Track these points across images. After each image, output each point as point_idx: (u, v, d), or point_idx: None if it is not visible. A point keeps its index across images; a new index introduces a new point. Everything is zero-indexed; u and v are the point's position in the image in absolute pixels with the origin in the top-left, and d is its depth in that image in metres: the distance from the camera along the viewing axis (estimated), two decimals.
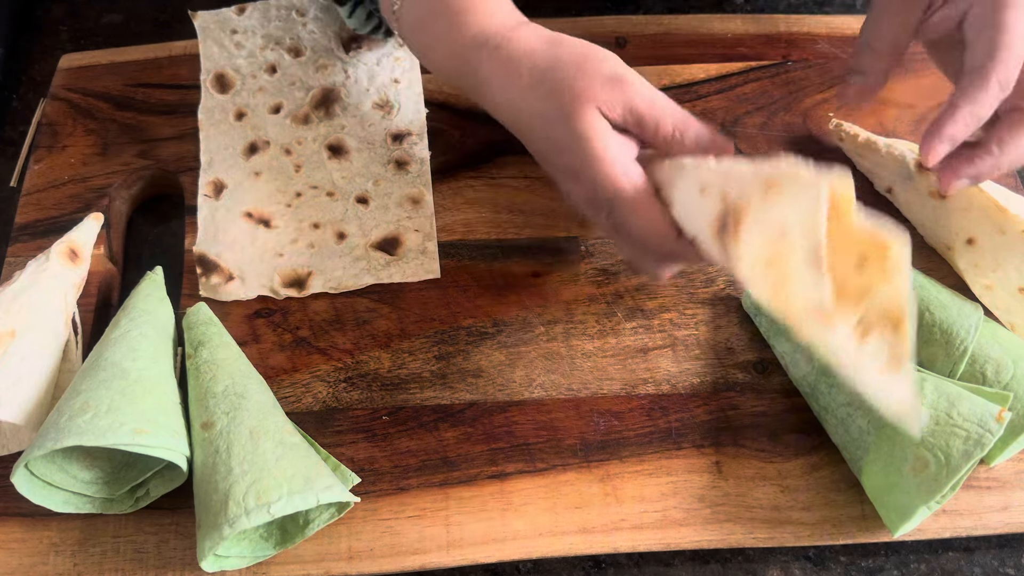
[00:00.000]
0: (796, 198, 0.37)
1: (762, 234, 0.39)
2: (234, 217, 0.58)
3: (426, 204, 0.59)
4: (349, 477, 0.49)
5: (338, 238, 0.57)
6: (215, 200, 0.58)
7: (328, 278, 0.56)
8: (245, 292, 0.56)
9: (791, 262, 0.37)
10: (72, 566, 0.47)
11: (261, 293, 0.55)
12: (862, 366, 0.36)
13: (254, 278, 0.56)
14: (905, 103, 0.64)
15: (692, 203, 0.43)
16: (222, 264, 0.56)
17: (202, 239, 0.57)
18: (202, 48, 0.64)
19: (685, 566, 0.49)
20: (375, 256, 0.57)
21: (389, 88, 0.63)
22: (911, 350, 0.37)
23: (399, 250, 0.57)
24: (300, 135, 0.61)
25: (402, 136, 0.61)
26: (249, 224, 0.58)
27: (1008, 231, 0.52)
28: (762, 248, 0.39)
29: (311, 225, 0.58)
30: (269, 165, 0.60)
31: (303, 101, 0.62)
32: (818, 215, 0.36)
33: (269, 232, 0.57)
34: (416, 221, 0.58)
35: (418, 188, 0.59)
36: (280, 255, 0.57)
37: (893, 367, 0.37)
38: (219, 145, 0.61)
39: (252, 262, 0.56)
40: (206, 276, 0.56)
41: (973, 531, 0.48)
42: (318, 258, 0.57)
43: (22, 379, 0.49)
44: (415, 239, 0.57)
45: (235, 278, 0.56)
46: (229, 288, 0.55)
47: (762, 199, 0.39)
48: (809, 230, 0.36)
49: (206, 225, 0.58)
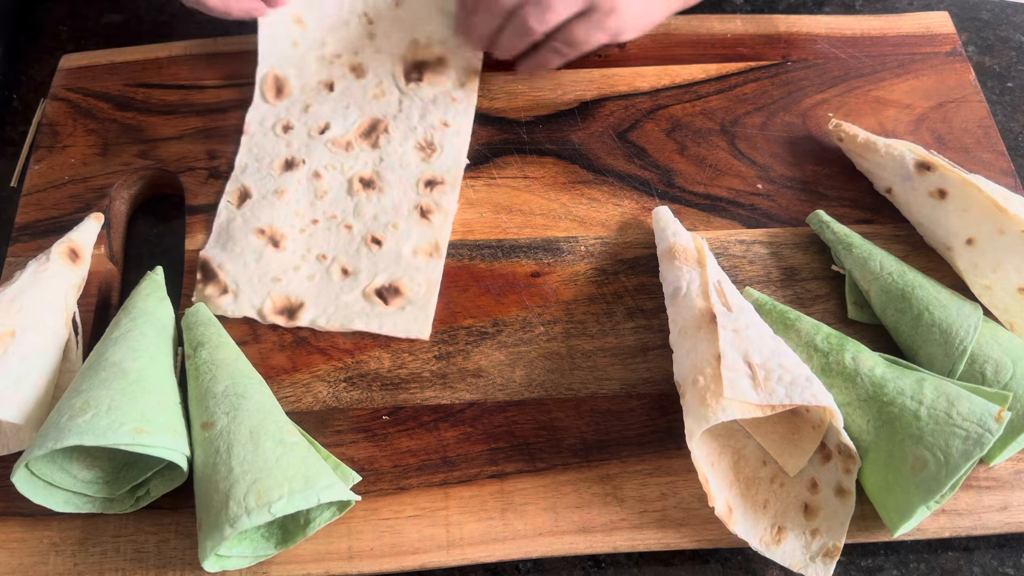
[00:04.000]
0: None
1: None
2: (248, 230, 0.57)
3: (439, 260, 0.57)
4: (350, 476, 0.49)
5: (342, 274, 0.56)
6: (236, 208, 0.58)
7: (318, 313, 0.55)
8: (234, 310, 0.55)
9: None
10: (72, 566, 0.47)
11: (248, 315, 0.55)
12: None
13: (247, 297, 0.55)
14: (905, 103, 0.64)
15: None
16: (221, 276, 0.56)
17: (212, 245, 0.57)
18: (261, 40, 0.63)
19: (685, 566, 0.49)
20: (371, 301, 0.55)
21: (437, 130, 0.62)
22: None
23: (396, 300, 0.55)
24: (337, 161, 0.60)
25: (434, 183, 0.59)
26: (259, 240, 0.57)
27: (1008, 231, 0.52)
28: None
29: (318, 256, 0.57)
30: (296, 185, 0.59)
31: (349, 127, 0.62)
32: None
33: (276, 253, 0.57)
34: (424, 275, 0.56)
35: (435, 240, 0.58)
36: (278, 280, 0.56)
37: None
38: (258, 154, 0.60)
39: (250, 280, 0.56)
40: (203, 283, 0.55)
41: (972, 531, 0.48)
42: (314, 290, 0.56)
43: (22, 379, 0.49)
44: (416, 292, 0.56)
45: (229, 292, 0.55)
46: (221, 301, 0.55)
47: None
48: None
49: (220, 232, 0.57)
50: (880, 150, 0.58)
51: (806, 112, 0.64)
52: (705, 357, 0.47)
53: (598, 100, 0.64)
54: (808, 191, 0.60)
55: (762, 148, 0.62)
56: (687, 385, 0.47)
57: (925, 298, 0.51)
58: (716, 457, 0.48)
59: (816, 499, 0.47)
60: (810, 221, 0.58)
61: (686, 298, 0.51)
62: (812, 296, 0.56)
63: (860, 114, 0.63)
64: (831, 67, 0.66)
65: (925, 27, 0.68)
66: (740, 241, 0.58)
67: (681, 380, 0.49)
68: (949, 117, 0.63)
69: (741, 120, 0.63)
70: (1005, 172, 0.61)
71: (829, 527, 0.46)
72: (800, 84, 0.65)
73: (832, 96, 0.64)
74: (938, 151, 0.60)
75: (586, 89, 0.65)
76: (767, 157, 0.62)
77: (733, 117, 0.63)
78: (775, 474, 0.48)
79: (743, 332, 0.48)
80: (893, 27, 0.68)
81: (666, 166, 0.61)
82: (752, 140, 0.62)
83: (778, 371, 0.46)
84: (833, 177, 0.61)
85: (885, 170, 0.58)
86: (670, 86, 0.65)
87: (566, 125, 0.63)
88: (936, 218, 0.55)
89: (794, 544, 0.46)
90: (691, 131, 0.63)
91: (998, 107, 0.66)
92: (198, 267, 0.56)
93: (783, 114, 0.64)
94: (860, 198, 0.60)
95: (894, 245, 0.57)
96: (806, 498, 0.47)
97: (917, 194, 0.56)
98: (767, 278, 0.57)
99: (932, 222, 0.56)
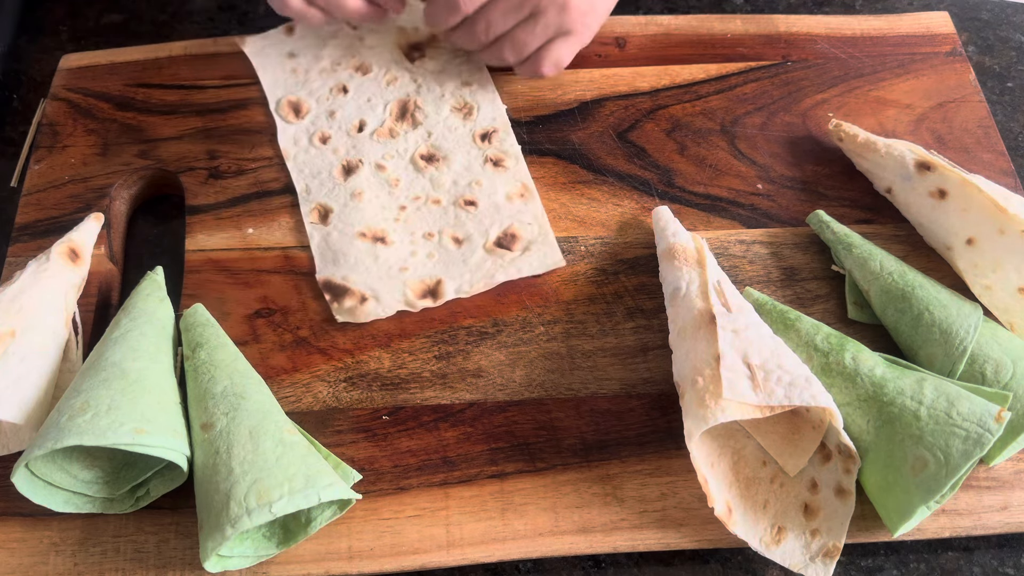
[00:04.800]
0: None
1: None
2: (349, 239, 0.57)
3: (532, 195, 0.59)
4: (350, 475, 0.49)
5: (455, 243, 0.57)
6: (324, 226, 0.58)
7: (459, 283, 0.56)
8: (383, 310, 0.55)
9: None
10: (72, 566, 0.47)
11: (399, 308, 0.55)
12: None
13: (387, 295, 0.55)
14: (905, 103, 0.64)
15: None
16: (351, 287, 0.55)
17: (322, 265, 0.57)
18: (261, 76, 0.64)
19: (685, 566, 0.49)
20: (497, 254, 0.57)
21: (463, 92, 0.64)
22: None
23: (517, 244, 0.57)
24: (389, 149, 0.61)
25: (489, 135, 0.61)
26: (366, 243, 0.57)
27: (1008, 231, 0.52)
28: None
29: (424, 235, 0.58)
30: (368, 184, 0.60)
31: (384, 116, 0.62)
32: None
33: (388, 248, 0.57)
34: (528, 214, 0.58)
35: (521, 182, 0.60)
36: (404, 269, 0.56)
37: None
38: (312, 171, 0.61)
39: (380, 280, 0.56)
40: (338, 302, 0.55)
41: (972, 531, 0.48)
42: (442, 265, 0.56)
43: (22, 379, 0.49)
44: (531, 231, 0.57)
45: (368, 298, 0.55)
46: (366, 308, 0.55)
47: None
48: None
49: (322, 251, 0.57)
50: (880, 150, 0.58)
51: (806, 112, 0.64)
52: (704, 358, 0.47)
53: (598, 100, 0.64)
54: (808, 191, 0.60)
55: (762, 148, 0.62)
56: (686, 386, 0.47)
57: (925, 298, 0.51)
58: (716, 457, 0.48)
59: (816, 499, 0.47)
60: (810, 221, 0.58)
61: (685, 298, 0.51)
62: (812, 296, 0.56)
63: (860, 114, 0.63)
64: (831, 67, 0.66)
65: (925, 27, 0.68)
66: (740, 241, 0.58)
67: (680, 381, 0.49)
68: (949, 117, 0.63)
69: (741, 120, 0.63)
70: (1005, 172, 0.61)
71: (829, 527, 0.46)
72: (800, 84, 0.65)
73: (832, 96, 0.64)
74: (938, 151, 0.60)
75: (586, 89, 0.65)
76: (767, 157, 0.62)
77: (733, 117, 0.63)
78: (775, 474, 0.48)
79: (742, 333, 0.48)
80: (893, 27, 0.68)
81: (666, 166, 0.61)
82: (752, 140, 0.62)
83: (777, 372, 0.46)
84: (833, 177, 0.61)
85: (885, 170, 0.58)
86: (670, 86, 0.65)
87: (566, 125, 0.63)
88: (936, 218, 0.55)
89: (794, 544, 0.46)
90: (691, 131, 0.63)
91: (998, 107, 0.66)
92: (323, 289, 0.56)
93: (783, 114, 0.64)
94: (860, 198, 0.60)
95: (894, 245, 0.57)
96: (806, 498, 0.48)
97: (917, 194, 0.56)
98: (767, 278, 0.57)
99: (932, 222, 0.56)
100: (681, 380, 0.49)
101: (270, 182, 0.60)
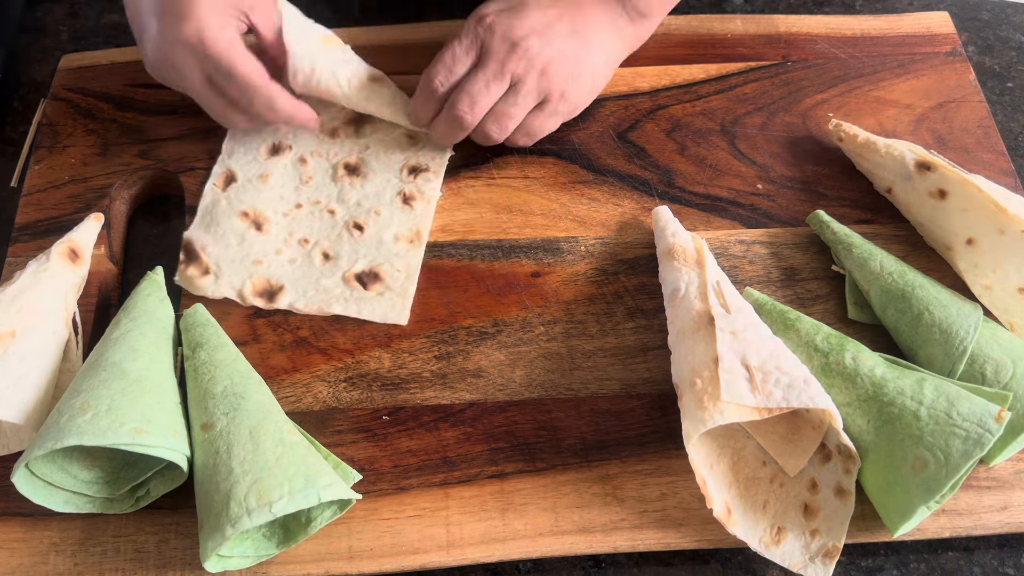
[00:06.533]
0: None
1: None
2: (231, 213, 0.58)
3: (419, 244, 0.57)
4: (350, 474, 0.49)
5: (323, 258, 0.57)
6: (221, 191, 0.59)
7: (297, 296, 0.55)
8: (215, 290, 0.55)
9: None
10: (72, 566, 0.47)
11: (228, 296, 0.55)
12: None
13: (227, 278, 0.56)
14: (905, 103, 0.64)
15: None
16: (203, 257, 0.56)
17: (196, 226, 0.58)
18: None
19: (685, 566, 0.49)
20: (351, 286, 0.56)
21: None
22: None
23: (375, 285, 0.56)
24: (323, 148, 0.61)
25: (418, 171, 0.60)
26: (243, 223, 0.58)
27: (1008, 231, 0.52)
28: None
29: (300, 240, 0.57)
30: (282, 170, 0.60)
31: (337, 115, 0.62)
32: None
33: (259, 236, 0.57)
34: (404, 260, 0.57)
35: (417, 227, 0.58)
36: (259, 262, 0.56)
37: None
38: (245, 139, 0.61)
39: (232, 262, 0.56)
40: (186, 264, 0.56)
41: (973, 531, 0.48)
42: (295, 274, 0.56)
43: (22, 379, 0.49)
44: (395, 279, 0.56)
45: (210, 273, 0.56)
46: (202, 282, 0.55)
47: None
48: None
49: (204, 214, 0.58)
50: (880, 150, 0.58)
51: (806, 112, 0.64)
52: (703, 359, 0.47)
53: (598, 100, 0.64)
54: (808, 191, 0.60)
55: (762, 148, 0.62)
56: (685, 387, 0.47)
57: (925, 298, 0.51)
58: (715, 458, 0.48)
59: (816, 499, 0.47)
60: (810, 221, 0.58)
61: (684, 299, 0.51)
62: (812, 296, 0.56)
63: (860, 114, 0.63)
64: (831, 67, 0.66)
65: (925, 27, 0.68)
66: (740, 241, 0.58)
67: (679, 382, 0.49)
68: (949, 117, 0.63)
69: (741, 120, 0.63)
70: (1005, 172, 0.61)
71: (829, 527, 0.47)
72: (800, 84, 0.65)
73: (832, 96, 0.64)
74: (938, 151, 0.60)
75: None
76: (767, 157, 0.62)
77: (733, 117, 0.63)
78: (775, 474, 0.48)
79: (741, 334, 0.48)
80: (893, 27, 0.68)
81: (666, 166, 0.61)
82: (752, 140, 0.62)
83: (776, 373, 0.46)
84: (833, 177, 0.61)
85: (885, 170, 0.58)
86: (670, 86, 0.65)
87: (566, 125, 0.63)
88: (936, 218, 0.55)
89: (794, 544, 0.46)
90: (691, 131, 0.63)
91: (998, 107, 0.66)
92: (182, 247, 0.56)
93: (783, 114, 0.64)
94: (860, 198, 0.60)
95: (894, 245, 0.57)
96: (806, 498, 0.48)
97: (917, 194, 0.56)
98: (767, 278, 0.57)
99: (932, 222, 0.56)
100: (680, 381, 0.49)
101: None
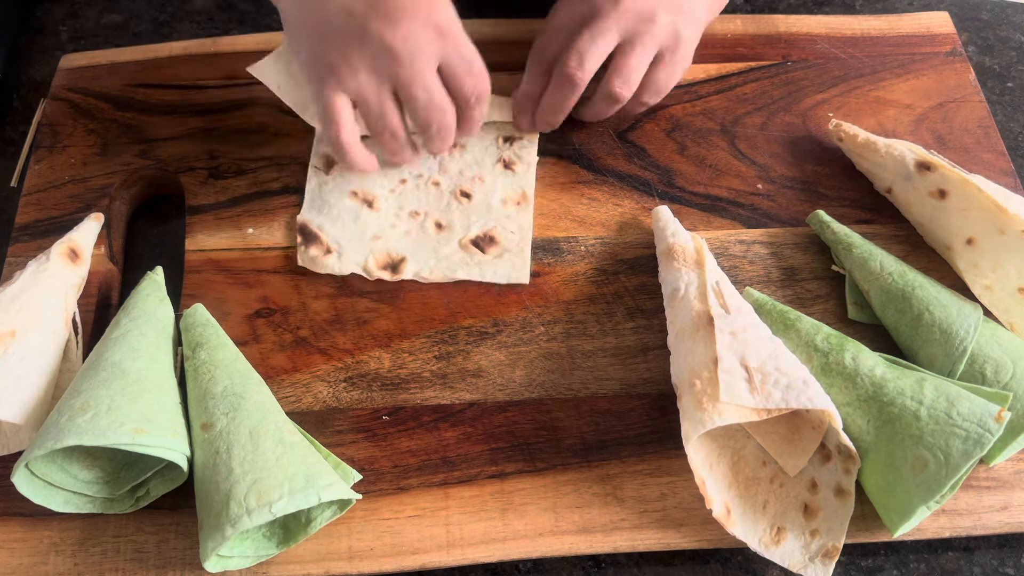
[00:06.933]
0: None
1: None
2: (341, 194, 0.59)
3: (527, 205, 0.59)
4: (350, 474, 0.49)
5: (436, 228, 0.58)
6: (325, 174, 0.60)
7: (421, 266, 0.57)
8: (340, 267, 0.57)
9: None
10: (72, 566, 0.47)
11: (355, 271, 0.56)
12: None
13: (350, 255, 0.57)
14: (905, 103, 0.64)
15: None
16: (322, 237, 0.57)
17: (307, 208, 0.59)
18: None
19: (685, 566, 0.49)
20: (469, 252, 0.57)
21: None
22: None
23: (492, 248, 0.57)
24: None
25: (513, 139, 0.62)
26: (354, 202, 0.59)
27: (1008, 231, 0.52)
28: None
29: (411, 213, 0.59)
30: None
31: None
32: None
33: (372, 213, 0.58)
34: (515, 222, 0.58)
35: (522, 190, 0.60)
36: (378, 237, 0.58)
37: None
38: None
39: (351, 239, 0.57)
40: (305, 246, 0.57)
41: (972, 531, 0.48)
42: (413, 245, 0.57)
43: (22, 379, 0.49)
44: (510, 240, 0.57)
45: (332, 252, 0.57)
46: (326, 261, 0.57)
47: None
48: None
49: (313, 197, 0.59)
50: (880, 150, 0.58)
51: (806, 112, 0.64)
52: (702, 360, 0.47)
53: None
54: (808, 191, 0.60)
55: (762, 148, 0.62)
56: (684, 388, 0.47)
57: (925, 298, 0.51)
58: (715, 458, 0.48)
59: (816, 499, 0.47)
60: (810, 221, 0.58)
61: (684, 300, 0.51)
62: (812, 296, 0.56)
63: (860, 114, 0.63)
64: (831, 67, 0.66)
65: (925, 27, 0.68)
66: (740, 241, 0.58)
67: (678, 383, 0.49)
68: (949, 117, 0.63)
69: (741, 120, 0.63)
70: (1005, 172, 0.61)
71: (829, 527, 0.47)
72: (800, 84, 0.65)
73: (832, 96, 0.64)
74: (938, 151, 0.60)
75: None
76: (767, 157, 0.62)
77: (733, 117, 0.63)
78: (775, 474, 0.48)
79: (740, 335, 0.48)
80: (893, 27, 0.68)
81: (666, 166, 0.61)
82: (752, 140, 0.62)
83: (775, 374, 0.46)
84: (833, 177, 0.61)
85: (885, 170, 0.58)
86: None
87: (566, 125, 0.62)
88: (936, 218, 0.55)
89: (793, 545, 0.46)
90: (691, 131, 0.63)
91: (998, 107, 0.66)
92: (297, 231, 0.58)
93: (783, 114, 0.64)
94: (860, 198, 0.60)
95: (894, 245, 0.57)
96: (806, 498, 0.48)
97: (917, 194, 0.56)
98: (767, 278, 0.57)
99: (932, 222, 0.56)
100: (679, 382, 0.49)
101: (270, 182, 0.60)
